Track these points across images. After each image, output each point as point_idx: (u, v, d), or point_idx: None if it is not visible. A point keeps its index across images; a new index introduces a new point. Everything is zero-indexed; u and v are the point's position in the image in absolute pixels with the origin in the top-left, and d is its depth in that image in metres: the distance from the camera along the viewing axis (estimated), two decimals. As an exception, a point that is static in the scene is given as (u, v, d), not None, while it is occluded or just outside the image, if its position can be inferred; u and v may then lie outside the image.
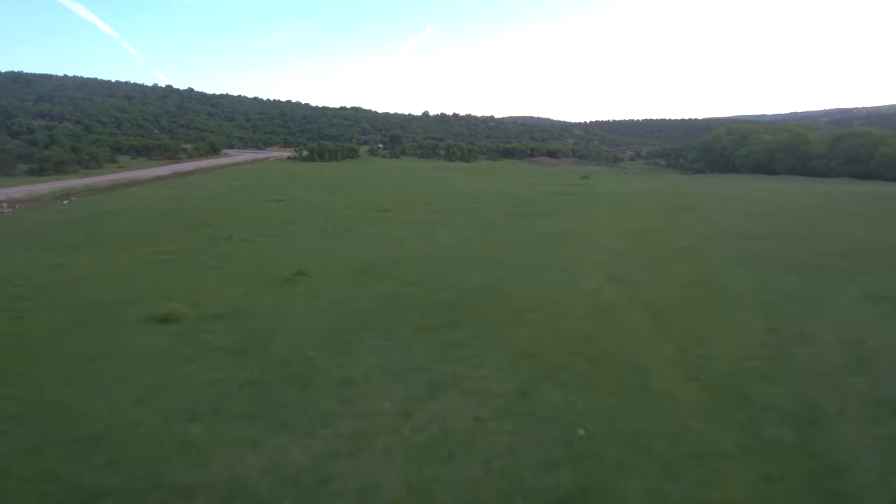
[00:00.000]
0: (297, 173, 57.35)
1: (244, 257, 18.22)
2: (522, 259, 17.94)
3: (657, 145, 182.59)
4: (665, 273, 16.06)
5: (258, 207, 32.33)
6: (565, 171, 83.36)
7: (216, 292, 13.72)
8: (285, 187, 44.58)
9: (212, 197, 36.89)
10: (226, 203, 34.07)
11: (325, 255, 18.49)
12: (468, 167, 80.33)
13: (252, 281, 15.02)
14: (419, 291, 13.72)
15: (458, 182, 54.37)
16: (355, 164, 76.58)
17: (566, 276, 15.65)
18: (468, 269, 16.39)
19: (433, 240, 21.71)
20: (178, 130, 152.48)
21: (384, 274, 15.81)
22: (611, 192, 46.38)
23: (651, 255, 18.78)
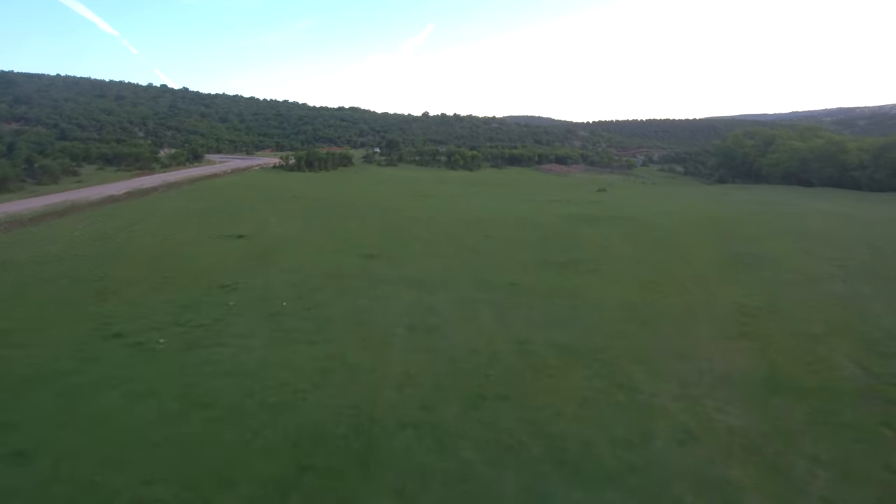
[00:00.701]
0: (276, 190, 49.87)
1: (103, 403, 10.71)
2: (595, 418, 10.40)
3: (667, 148, 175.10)
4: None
5: (205, 252, 24.85)
6: (578, 181, 75.96)
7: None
8: (256, 212, 37.12)
9: (154, 233, 29.39)
10: (167, 245, 26.60)
11: (245, 401, 11.03)
12: (472, 178, 72.90)
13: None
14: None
15: (461, 202, 46.91)
16: (347, 176, 69.21)
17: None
18: (504, 461, 8.89)
19: (433, 337, 14.10)
20: (164, 133, 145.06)
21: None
22: (642, 216, 38.90)
23: (811, 394, 11.28)
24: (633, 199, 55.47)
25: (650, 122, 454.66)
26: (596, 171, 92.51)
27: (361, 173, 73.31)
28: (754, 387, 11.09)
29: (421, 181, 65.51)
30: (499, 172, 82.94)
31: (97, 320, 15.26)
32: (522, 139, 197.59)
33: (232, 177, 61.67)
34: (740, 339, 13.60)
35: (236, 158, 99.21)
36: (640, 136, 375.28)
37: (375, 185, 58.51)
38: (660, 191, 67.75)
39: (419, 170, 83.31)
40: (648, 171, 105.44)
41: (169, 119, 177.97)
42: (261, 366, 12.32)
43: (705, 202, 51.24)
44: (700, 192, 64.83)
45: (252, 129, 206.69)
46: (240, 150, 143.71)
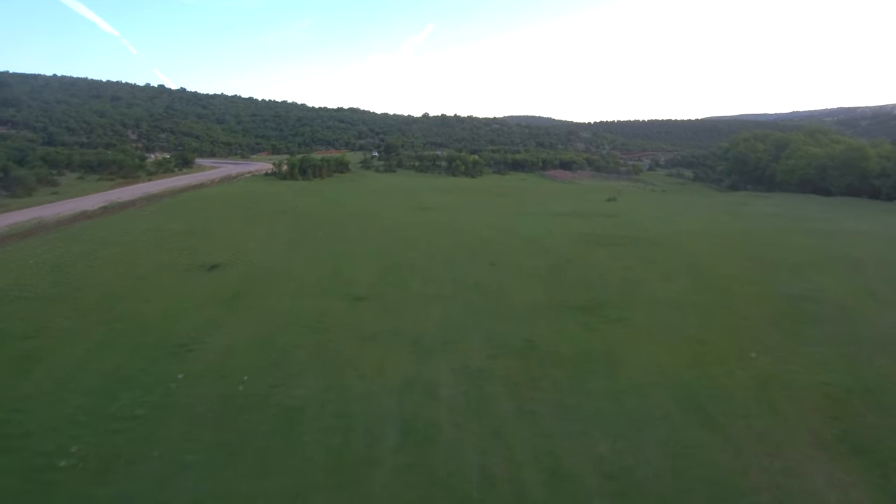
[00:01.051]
0: (264, 203, 46.35)
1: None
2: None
3: (672, 150, 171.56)
4: None
5: (168, 292, 21.34)
6: (585, 189, 72.44)
7: None
8: (237, 233, 33.60)
9: (118, 261, 25.87)
10: (127, 279, 23.09)
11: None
12: (473, 185, 69.36)
13: None
14: None
15: (463, 216, 43.34)
16: (342, 185, 65.64)
17: None
18: None
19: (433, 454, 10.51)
20: (157, 136, 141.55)
21: None
22: (663, 235, 35.40)
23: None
24: (647, 210, 51.91)
25: (652, 123, 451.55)
26: (602, 178, 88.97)
27: (358, 181, 69.80)
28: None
29: (420, 191, 61.99)
30: (502, 179, 79.39)
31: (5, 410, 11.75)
32: (524, 141, 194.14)
33: (219, 187, 58.17)
34: (849, 456, 10.07)
35: (229, 163, 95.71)
36: (643, 138, 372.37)
37: (371, 196, 54.97)
38: (673, 200, 64.18)
39: (418, 176, 79.80)
40: (656, 177, 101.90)
41: (164, 121, 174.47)
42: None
43: (726, 215, 47.69)
44: (716, 202, 61.24)
45: (249, 130, 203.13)
46: (235, 153, 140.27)
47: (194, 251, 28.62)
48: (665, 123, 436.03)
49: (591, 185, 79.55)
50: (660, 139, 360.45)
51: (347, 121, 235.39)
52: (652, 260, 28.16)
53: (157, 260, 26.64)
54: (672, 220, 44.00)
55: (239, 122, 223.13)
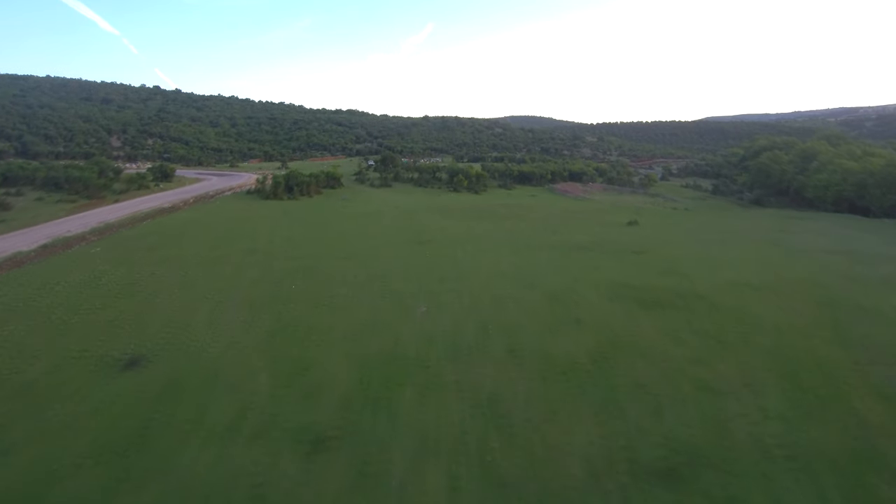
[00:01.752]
0: (233, 239, 39.61)
1: None
2: None
3: (684, 157, 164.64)
4: None
5: (42, 432, 14.67)
6: (600, 207, 65.70)
7: None
8: (186, 290, 26.91)
9: (14, 351, 19.21)
10: (4, 390, 16.46)
11: None
12: (478, 204, 62.59)
13: None
14: None
15: (468, 257, 36.55)
16: (330, 206, 58.69)
17: None
18: None
19: None
20: (143, 142, 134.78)
21: None
22: (718, 291, 28.75)
23: None
24: (679, 240, 45.18)
25: (656, 125, 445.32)
26: (615, 191, 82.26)
27: (350, 200, 63.04)
28: None
29: (419, 213, 55.22)
30: (508, 195, 72.63)
31: None
32: (528, 145, 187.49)
33: (191, 210, 51.46)
34: None
35: (213, 175, 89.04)
36: (649, 140, 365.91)
37: (363, 223, 48.15)
38: (702, 223, 57.35)
39: (417, 192, 73.08)
40: (672, 188, 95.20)
41: (153, 125, 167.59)
42: None
43: (775, 249, 40.93)
44: (751, 226, 54.45)
45: (243, 134, 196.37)
46: (224, 160, 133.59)
47: (120, 326, 21.92)
48: (670, 125, 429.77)
49: (605, 200, 72.78)
50: (664, 142, 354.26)
51: (345, 124, 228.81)
52: (720, 340, 21.45)
53: (64, 347, 19.91)
54: (715, 259, 37.22)
55: (233, 124, 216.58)
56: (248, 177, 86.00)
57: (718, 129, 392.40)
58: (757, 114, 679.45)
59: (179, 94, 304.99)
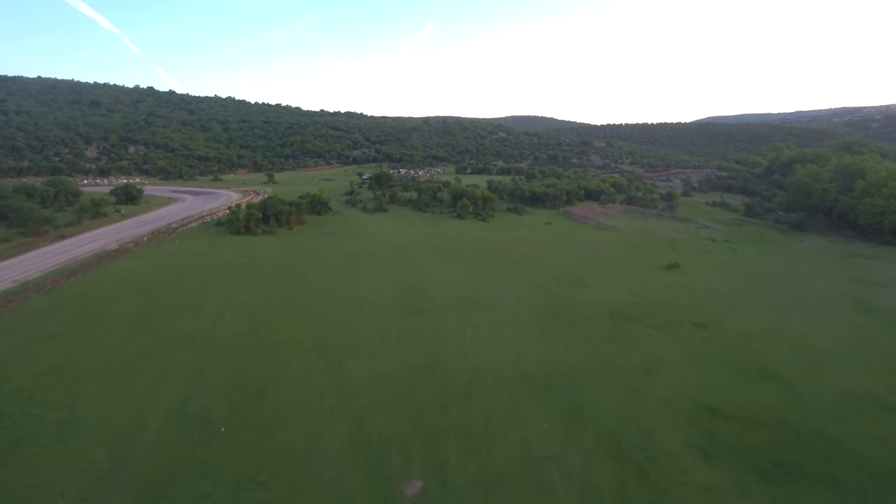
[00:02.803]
0: (174, 310, 30.51)
1: None
2: None
3: (701, 166, 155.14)
4: None
5: None
6: (627, 240, 56.54)
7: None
8: (66, 442, 17.87)
9: None
10: None
11: None
12: (487, 241, 53.41)
13: None
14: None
15: (475, 334, 27.50)
16: (308, 246, 49.20)
17: None
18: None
19: None
20: (122, 152, 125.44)
21: None
22: (854, 429, 19.83)
23: None
24: (744, 301, 35.97)
25: (661, 126, 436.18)
26: (639, 214, 73.07)
27: (336, 236, 53.87)
28: None
29: (416, 255, 46.02)
30: (520, 222, 63.46)
31: None
32: (533, 151, 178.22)
33: (138, 256, 42.24)
34: None
35: (189, 193, 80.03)
36: (655, 143, 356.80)
37: (344, 276, 38.77)
38: (755, 266, 48.05)
39: (416, 218, 63.95)
40: (698, 208, 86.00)
41: (138, 131, 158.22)
42: None
43: (877, 323, 31.70)
44: (816, 271, 45.15)
45: (234, 139, 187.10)
46: (210, 170, 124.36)
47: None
48: (675, 127, 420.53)
49: (630, 228, 63.62)
50: (671, 145, 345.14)
51: (342, 128, 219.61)
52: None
53: None
54: (807, 343, 28.01)
55: (226, 128, 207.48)
56: (227, 196, 76.98)
57: (725, 132, 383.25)
58: (759, 113, 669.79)
59: (173, 96, 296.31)
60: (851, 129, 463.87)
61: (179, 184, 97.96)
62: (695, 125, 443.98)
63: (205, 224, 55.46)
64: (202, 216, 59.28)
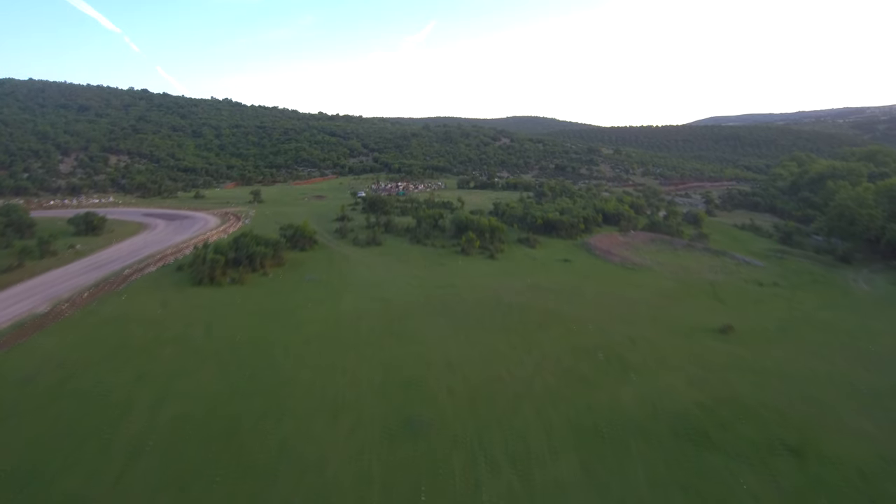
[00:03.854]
0: (78, 436, 22.49)
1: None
2: None
3: (717, 177, 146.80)
4: None
5: None
6: (664, 286, 48.36)
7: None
8: None
9: None
10: None
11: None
12: (497, 289, 45.31)
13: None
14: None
15: (497, 483, 19.47)
16: (281, 304, 40.80)
17: None
18: None
19: None
20: (103, 164, 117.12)
21: None
22: None
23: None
24: (832, 392, 27.88)
25: (667, 130, 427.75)
26: (667, 245, 64.81)
27: (318, 283, 45.75)
28: None
29: (413, 317, 37.76)
30: (533, 261, 55.18)
31: None
32: (539, 160, 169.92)
33: (67, 325, 34.06)
34: None
35: (163, 216, 71.87)
36: (661, 147, 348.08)
37: (321, 352, 30.58)
38: (825, 330, 39.88)
39: (413, 254, 55.77)
40: (727, 233, 77.76)
41: (122, 139, 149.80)
42: None
43: None
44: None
45: (226, 147, 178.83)
46: (195, 183, 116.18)
47: None
48: (681, 130, 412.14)
49: (661, 265, 55.38)
50: (678, 149, 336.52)
51: (339, 133, 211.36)
52: None
53: None
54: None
55: (218, 134, 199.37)
56: (203, 223, 68.82)
57: (733, 135, 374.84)
58: (761, 113, 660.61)
59: (166, 99, 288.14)
60: (858, 130, 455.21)
61: (157, 203, 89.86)
62: (700, 128, 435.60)
63: (165, 267, 47.28)
64: (164, 255, 51.07)
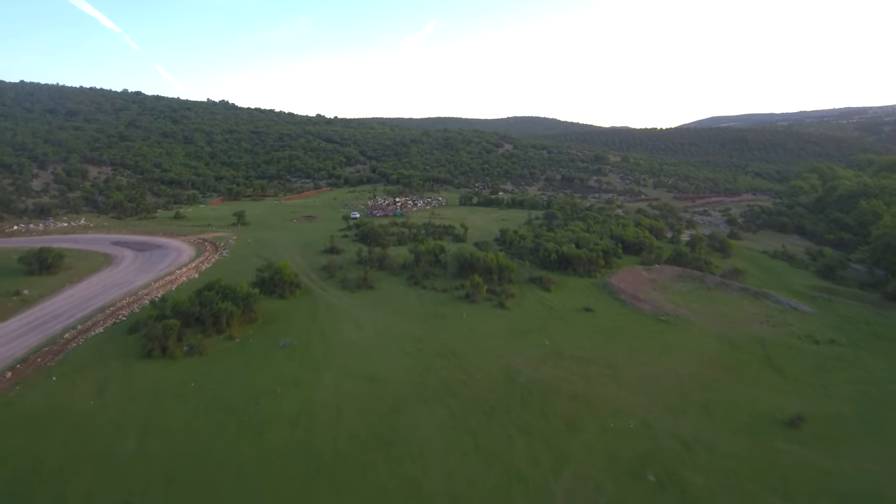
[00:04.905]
0: None
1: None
2: None
3: (733, 191, 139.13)
4: None
5: None
6: (705, 344, 40.95)
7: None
8: None
9: None
10: None
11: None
12: (510, 356, 37.73)
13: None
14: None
15: None
16: (241, 393, 33.60)
17: None
18: None
19: None
20: (81, 179, 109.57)
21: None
22: None
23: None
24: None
25: (672, 132, 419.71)
26: (698, 283, 57.31)
27: (292, 349, 38.20)
28: None
29: (405, 409, 30.14)
30: (550, 309, 47.65)
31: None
32: (544, 169, 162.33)
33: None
34: None
35: (131, 247, 64.38)
36: (667, 151, 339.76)
37: (283, 491, 23.25)
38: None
39: (411, 302, 48.22)
40: (760, 264, 70.30)
41: (108, 149, 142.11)
42: None
43: None
44: None
45: (217, 155, 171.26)
46: (175, 201, 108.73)
47: None
48: (686, 132, 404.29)
49: (699, 315, 47.88)
50: (684, 153, 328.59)
51: (336, 139, 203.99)
52: None
53: None
54: None
55: (210, 141, 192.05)
56: (176, 254, 61.38)
57: (739, 138, 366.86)
58: (762, 113, 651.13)
59: (159, 102, 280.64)
60: (864, 132, 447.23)
61: (132, 226, 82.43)
62: (705, 130, 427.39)
63: (116, 326, 39.82)
64: (119, 307, 43.58)
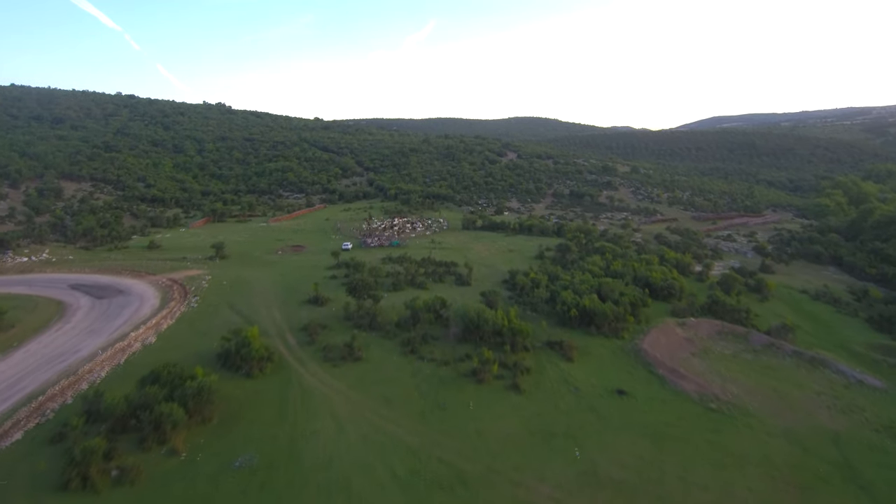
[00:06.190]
0: None
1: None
2: None
3: (754, 209, 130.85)
4: None
5: None
6: (780, 454, 32.94)
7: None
8: None
9: None
10: None
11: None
12: (538, 479, 29.90)
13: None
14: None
15: None
16: None
17: None
18: None
19: None
20: (55, 198, 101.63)
21: None
22: None
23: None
24: None
25: (678, 135, 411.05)
26: (742, 344, 49.30)
27: (253, 466, 30.45)
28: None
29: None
30: (575, 391, 39.51)
31: None
32: (552, 183, 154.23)
33: None
34: None
35: (89, 293, 56.49)
36: (673, 155, 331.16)
37: None
38: None
39: (405, 382, 39.82)
40: (801, 308, 62.31)
41: (89, 162, 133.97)
42: None
43: None
44: None
45: (206, 166, 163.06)
46: (155, 224, 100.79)
47: None
48: (692, 136, 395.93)
49: (751, 394, 39.92)
50: (692, 158, 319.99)
51: (333, 148, 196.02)
52: None
53: None
54: None
55: (200, 150, 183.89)
56: (138, 303, 53.40)
57: (747, 143, 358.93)
58: (764, 113, 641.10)
59: (152, 107, 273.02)
60: (869, 134, 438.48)
61: (100, 258, 74.48)
62: (712, 133, 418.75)
63: (38, 429, 31.78)
64: (50, 395, 35.51)
